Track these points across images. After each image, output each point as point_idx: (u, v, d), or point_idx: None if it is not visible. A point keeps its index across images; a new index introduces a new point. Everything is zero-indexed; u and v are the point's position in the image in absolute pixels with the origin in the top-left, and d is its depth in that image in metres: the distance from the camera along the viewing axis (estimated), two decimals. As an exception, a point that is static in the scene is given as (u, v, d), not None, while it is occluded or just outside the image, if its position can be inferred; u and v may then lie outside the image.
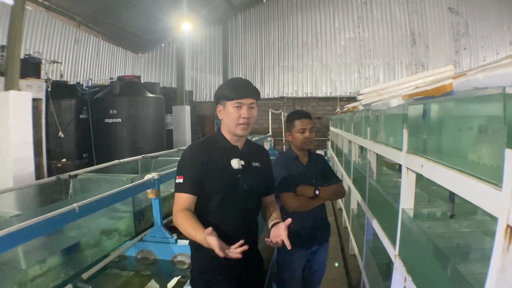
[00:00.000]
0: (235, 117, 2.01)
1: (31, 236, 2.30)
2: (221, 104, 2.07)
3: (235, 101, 2.00)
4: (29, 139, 7.26)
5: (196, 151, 2.06)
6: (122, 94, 10.63)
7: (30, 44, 12.42)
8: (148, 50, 20.38)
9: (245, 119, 2.01)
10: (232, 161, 2.07)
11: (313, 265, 3.02)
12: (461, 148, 1.39)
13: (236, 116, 2.01)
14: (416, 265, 1.81)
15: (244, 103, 2.01)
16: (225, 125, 2.09)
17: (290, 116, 3.00)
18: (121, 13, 15.37)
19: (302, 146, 2.91)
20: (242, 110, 2.01)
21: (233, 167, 2.06)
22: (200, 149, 2.07)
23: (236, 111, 2.01)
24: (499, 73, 0.88)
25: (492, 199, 1.04)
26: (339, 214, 6.80)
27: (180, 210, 1.94)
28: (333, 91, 18.17)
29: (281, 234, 1.87)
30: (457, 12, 16.76)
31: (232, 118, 2.02)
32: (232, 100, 2.01)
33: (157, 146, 10.78)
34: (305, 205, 2.78)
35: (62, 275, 3.22)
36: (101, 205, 3.01)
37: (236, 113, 2.01)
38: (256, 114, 2.10)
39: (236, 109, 2.01)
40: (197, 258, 2.13)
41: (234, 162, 2.07)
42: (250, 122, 2.05)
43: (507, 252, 0.97)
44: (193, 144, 2.17)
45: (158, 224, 3.96)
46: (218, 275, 2.06)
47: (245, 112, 2.01)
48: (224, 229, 1.96)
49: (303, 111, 3.07)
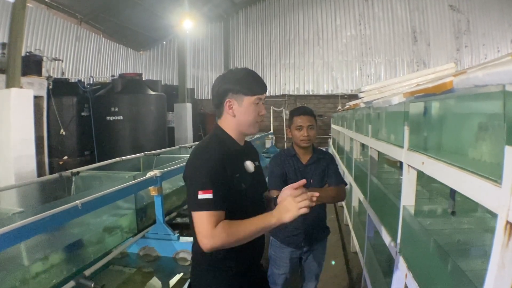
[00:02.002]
0: (256, 115, 1.79)
1: (34, 233, 2.31)
2: (236, 98, 1.76)
3: (257, 97, 1.77)
4: (31, 136, 7.28)
5: (218, 155, 1.68)
6: (123, 92, 10.65)
7: (31, 42, 12.44)
8: (149, 48, 20.38)
9: (263, 116, 1.84)
10: (246, 163, 1.82)
11: (309, 263, 2.99)
12: (462, 145, 1.40)
13: (256, 113, 1.79)
14: (417, 261, 1.82)
15: (262, 98, 1.80)
16: (237, 123, 1.80)
17: (291, 113, 2.91)
18: (122, 10, 15.36)
19: (299, 144, 2.80)
20: (260, 106, 1.80)
21: (249, 171, 1.82)
22: (221, 153, 1.70)
23: (255, 108, 1.78)
24: (499, 71, 0.89)
25: (492, 196, 1.05)
26: (340, 212, 6.81)
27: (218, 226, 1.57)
28: (335, 88, 18.16)
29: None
30: (458, 10, 16.74)
31: (252, 116, 1.78)
32: (254, 95, 1.76)
33: (159, 143, 10.80)
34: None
35: (65, 272, 3.24)
36: (103, 202, 3.03)
37: (256, 109, 1.78)
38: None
39: (256, 106, 1.78)
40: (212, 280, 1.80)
41: (249, 165, 1.83)
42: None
43: (507, 248, 0.98)
44: (207, 148, 1.76)
45: (160, 221, 3.98)
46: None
47: (263, 108, 1.82)
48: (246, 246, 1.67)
49: (305, 108, 2.92)
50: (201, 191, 1.59)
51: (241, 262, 1.81)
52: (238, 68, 1.87)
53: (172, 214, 5.19)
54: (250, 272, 1.89)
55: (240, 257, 1.79)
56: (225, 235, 1.55)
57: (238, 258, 1.78)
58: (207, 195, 1.58)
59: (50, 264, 3.18)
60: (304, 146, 2.81)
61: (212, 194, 1.58)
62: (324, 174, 2.85)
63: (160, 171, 3.92)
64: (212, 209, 1.58)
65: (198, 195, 1.58)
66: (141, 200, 4.57)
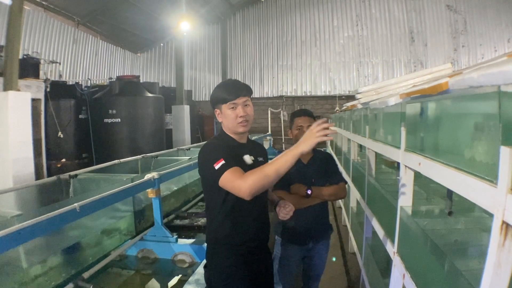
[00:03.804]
0: (233, 118, 2.09)
1: (32, 235, 2.31)
2: (218, 108, 2.14)
3: (229, 103, 2.08)
4: (29, 139, 7.27)
5: (219, 143, 2.10)
6: (121, 94, 10.63)
7: (28, 44, 12.43)
8: (147, 50, 20.40)
9: (242, 117, 2.08)
10: (245, 157, 2.12)
11: (312, 262, 3.03)
12: (458, 146, 1.41)
13: (233, 116, 2.08)
14: (415, 262, 1.83)
15: (238, 102, 2.08)
16: (226, 126, 2.16)
17: (292, 115, 3.03)
18: (120, 12, 15.37)
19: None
20: (238, 109, 2.08)
21: (247, 163, 2.10)
22: (220, 143, 2.10)
23: (232, 112, 2.08)
24: (493, 72, 0.90)
25: (488, 196, 1.06)
26: (339, 213, 6.82)
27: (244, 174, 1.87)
28: (332, 89, 18.21)
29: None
30: (455, 10, 16.82)
31: (230, 119, 2.09)
32: (226, 102, 2.08)
33: (157, 145, 10.80)
34: (296, 204, 2.70)
35: (63, 275, 3.24)
36: (102, 204, 3.03)
37: (232, 113, 2.08)
38: (252, 110, 2.16)
39: (232, 110, 2.08)
40: (215, 254, 2.16)
41: (247, 158, 2.13)
42: (248, 119, 2.12)
43: (503, 247, 0.98)
44: (213, 142, 2.15)
45: (159, 223, 3.98)
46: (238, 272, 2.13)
47: (241, 111, 2.08)
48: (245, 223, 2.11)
49: (305, 110, 3.07)
50: (215, 163, 1.91)
51: (245, 239, 2.13)
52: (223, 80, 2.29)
53: (170, 216, 5.18)
54: (257, 252, 2.21)
55: (244, 234, 2.12)
56: (254, 175, 1.83)
57: (242, 235, 2.12)
58: (221, 163, 1.90)
59: (48, 266, 3.18)
60: None
61: (224, 160, 1.91)
62: (324, 173, 2.95)
63: (158, 173, 3.91)
64: (230, 167, 1.89)
65: (215, 167, 1.91)
66: (139, 202, 4.56)
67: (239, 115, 2.07)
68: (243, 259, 2.13)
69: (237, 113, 2.08)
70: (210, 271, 2.18)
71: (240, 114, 2.07)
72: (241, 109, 2.08)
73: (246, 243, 2.14)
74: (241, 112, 2.07)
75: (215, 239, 2.16)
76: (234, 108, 2.08)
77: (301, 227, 2.87)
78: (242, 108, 2.08)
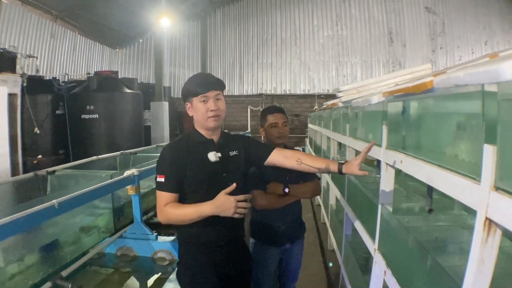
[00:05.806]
0: (204, 111, 2.06)
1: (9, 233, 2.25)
2: (189, 101, 2.13)
3: (200, 96, 2.05)
4: (4, 135, 7.14)
5: (174, 149, 2.11)
6: (99, 90, 10.43)
7: (5, 38, 12.11)
8: (126, 46, 20.12)
9: (214, 111, 2.05)
10: (209, 154, 2.09)
11: (288, 262, 3.00)
12: (441, 144, 1.43)
13: (204, 110, 2.05)
14: (396, 258, 1.85)
15: (209, 96, 2.06)
16: (197, 121, 2.14)
17: (263, 112, 3.01)
18: (99, 7, 15.11)
19: (275, 141, 2.86)
20: (209, 103, 2.05)
21: (211, 160, 2.09)
22: (178, 146, 2.12)
23: (203, 105, 2.06)
24: (479, 71, 0.92)
25: (471, 193, 1.08)
26: (318, 210, 6.86)
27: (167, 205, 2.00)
28: (311, 88, 18.29)
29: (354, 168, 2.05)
30: (434, 12, 17.09)
31: (201, 113, 2.07)
32: (197, 95, 2.06)
33: (135, 142, 10.65)
34: (274, 203, 2.69)
35: (41, 273, 3.18)
36: (81, 201, 2.97)
37: (203, 107, 2.06)
38: (224, 104, 2.14)
39: (203, 104, 2.06)
40: (184, 252, 2.22)
41: (211, 155, 2.09)
42: (220, 113, 2.10)
43: (486, 243, 1.00)
44: (171, 143, 2.23)
45: (138, 220, 3.93)
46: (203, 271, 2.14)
47: (212, 104, 2.05)
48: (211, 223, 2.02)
49: (276, 106, 3.06)
50: (158, 175, 2.03)
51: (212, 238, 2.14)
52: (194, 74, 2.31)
53: (150, 214, 5.12)
54: (227, 251, 2.19)
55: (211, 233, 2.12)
56: (169, 213, 1.98)
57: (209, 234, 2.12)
58: (161, 179, 2.02)
59: (26, 265, 3.11)
60: (280, 143, 2.86)
61: (163, 178, 2.01)
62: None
63: (138, 170, 3.86)
64: (163, 190, 2.01)
65: (157, 178, 2.03)
66: (118, 199, 4.50)
67: (210, 109, 2.04)
68: (209, 258, 2.14)
69: (208, 106, 2.05)
70: (179, 269, 2.23)
71: (211, 107, 2.04)
72: (212, 103, 2.05)
73: (213, 242, 2.14)
74: (212, 106, 2.04)
75: (184, 237, 2.20)
76: (205, 101, 2.05)
77: (278, 227, 2.82)
78: (213, 102, 2.05)
